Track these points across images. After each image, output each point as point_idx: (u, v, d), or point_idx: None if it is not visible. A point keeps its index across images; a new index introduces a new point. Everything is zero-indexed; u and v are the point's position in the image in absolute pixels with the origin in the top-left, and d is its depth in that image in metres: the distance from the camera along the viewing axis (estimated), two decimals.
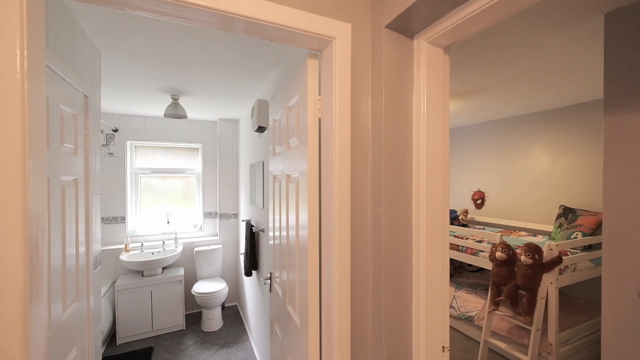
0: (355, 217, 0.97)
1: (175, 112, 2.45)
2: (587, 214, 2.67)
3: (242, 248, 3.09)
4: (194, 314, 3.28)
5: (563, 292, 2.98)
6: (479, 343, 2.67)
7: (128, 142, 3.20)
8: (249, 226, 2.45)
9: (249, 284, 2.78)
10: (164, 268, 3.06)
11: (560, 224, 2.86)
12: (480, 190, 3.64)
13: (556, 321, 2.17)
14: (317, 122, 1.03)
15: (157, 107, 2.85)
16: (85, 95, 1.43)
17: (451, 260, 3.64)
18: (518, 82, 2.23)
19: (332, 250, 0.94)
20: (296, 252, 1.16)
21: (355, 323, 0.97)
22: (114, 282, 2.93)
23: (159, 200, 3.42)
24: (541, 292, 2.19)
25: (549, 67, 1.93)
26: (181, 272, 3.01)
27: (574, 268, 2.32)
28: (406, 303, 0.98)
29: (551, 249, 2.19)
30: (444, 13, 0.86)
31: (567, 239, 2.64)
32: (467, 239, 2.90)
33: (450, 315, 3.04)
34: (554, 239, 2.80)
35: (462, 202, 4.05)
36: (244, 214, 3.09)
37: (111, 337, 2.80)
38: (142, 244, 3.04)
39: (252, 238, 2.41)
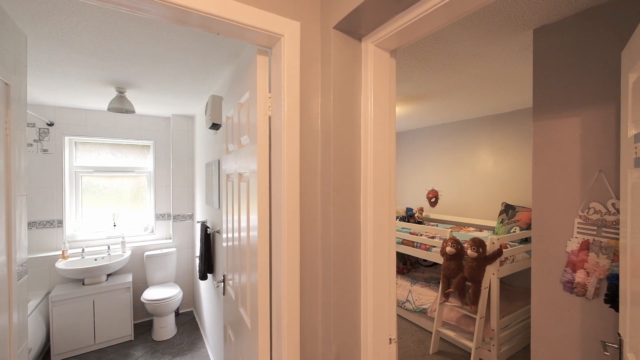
0: (305, 217, 0.97)
1: (120, 106, 2.27)
2: (524, 210, 2.95)
3: (198, 251, 2.95)
4: (144, 323, 3.06)
5: (504, 282, 3.26)
6: (432, 333, 2.83)
7: (66, 138, 2.90)
8: (204, 227, 2.34)
9: (205, 288, 2.67)
10: (109, 275, 2.82)
11: (502, 219, 3.13)
12: (434, 189, 3.86)
13: (497, 309, 2.37)
14: (267, 119, 1.01)
15: (100, 100, 2.62)
16: (6, 84, 1.26)
17: (407, 256, 3.82)
18: (464, 89, 2.39)
19: (281, 250, 0.92)
20: (248, 254, 1.13)
21: (305, 321, 0.97)
22: (48, 293, 2.63)
23: (104, 202, 3.15)
24: (485, 283, 2.38)
25: (490, 76, 2.09)
26: (129, 278, 2.79)
27: (513, 259, 2.56)
28: (355, 298, 0.99)
29: (493, 243, 2.39)
30: (389, 17, 0.89)
31: (507, 233, 2.89)
32: (421, 235, 3.05)
33: (406, 309, 3.18)
34: (496, 234, 3.06)
35: (418, 201, 4.26)
36: (200, 215, 2.96)
37: (45, 354, 2.52)
38: (83, 250, 2.77)
39: (208, 240, 2.31)
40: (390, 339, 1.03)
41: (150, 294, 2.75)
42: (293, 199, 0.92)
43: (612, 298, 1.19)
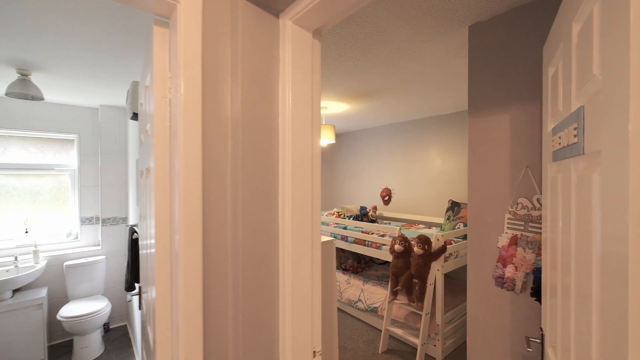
0: (212, 220, 0.82)
1: (23, 91, 1.92)
2: (467, 207, 3.06)
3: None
4: (64, 343, 2.66)
5: (450, 276, 3.37)
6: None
7: None
8: (131, 232, 2.08)
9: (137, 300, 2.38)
10: (15, 291, 2.40)
11: (449, 216, 3.22)
12: (387, 188, 3.90)
13: (442, 304, 2.41)
14: (167, 103, 0.85)
15: None
16: None
17: (361, 255, 3.81)
18: (410, 85, 2.39)
19: (179, 260, 0.77)
20: (151, 263, 0.96)
21: (211, 341, 0.83)
22: None
23: (14, 205, 2.69)
24: (430, 279, 2.41)
25: (433, 73, 2.11)
26: (43, 293, 2.40)
27: (457, 255, 2.62)
28: (272, 310, 0.88)
29: (438, 239, 2.42)
30: None
31: (452, 230, 2.97)
32: (372, 234, 3.04)
33: (358, 308, 3.15)
34: (443, 230, 3.14)
35: (372, 199, 4.28)
36: (133, 218, 2.65)
37: None
38: None
39: (135, 246, 2.05)
40: (314, 352, 0.93)
41: (68, 310, 2.39)
42: (193, 198, 0.77)
43: (537, 291, 1.21)
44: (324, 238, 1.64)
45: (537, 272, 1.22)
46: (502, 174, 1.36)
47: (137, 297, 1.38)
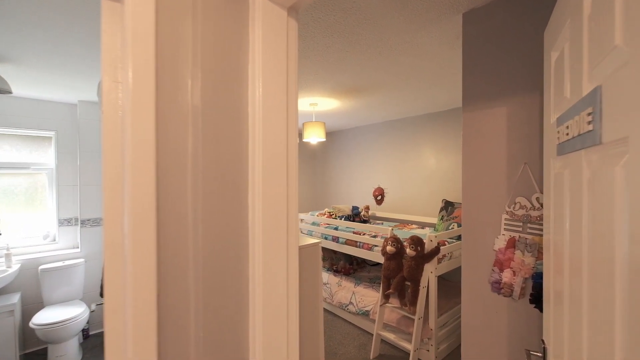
0: (169, 221, 0.71)
1: None
2: (461, 207, 2.98)
3: None
4: (39, 352, 2.52)
5: (443, 277, 3.28)
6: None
7: None
8: None
9: None
10: None
11: (443, 216, 3.14)
12: (380, 187, 3.80)
13: (435, 308, 2.32)
14: (118, 88, 0.74)
15: None
16: None
17: (353, 256, 3.71)
18: (403, 80, 2.30)
19: (127, 268, 0.66)
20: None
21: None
22: None
23: None
24: (423, 282, 2.32)
25: (426, 67, 2.01)
26: (15, 299, 2.26)
27: (450, 256, 2.54)
28: (241, 323, 0.77)
29: (431, 240, 2.33)
30: None
31: (446, 230, 2.89)
32: (364, 234, 2.94)
33: (349, 312, 3.06)
34: (437, 230, 3.06)
35: (364, 199, 4.19)
36: None
37: None
38: None
39: None
40: None
41: (43, 317, 2.25)
42: (143, 196, 0.66)
43: (537, 298, 1.12)
44: (310, 240, 1.53)
45: (537, 277, 1.13)
46: (499, 172, 1.27)
47: (102, 306, 1.26)
